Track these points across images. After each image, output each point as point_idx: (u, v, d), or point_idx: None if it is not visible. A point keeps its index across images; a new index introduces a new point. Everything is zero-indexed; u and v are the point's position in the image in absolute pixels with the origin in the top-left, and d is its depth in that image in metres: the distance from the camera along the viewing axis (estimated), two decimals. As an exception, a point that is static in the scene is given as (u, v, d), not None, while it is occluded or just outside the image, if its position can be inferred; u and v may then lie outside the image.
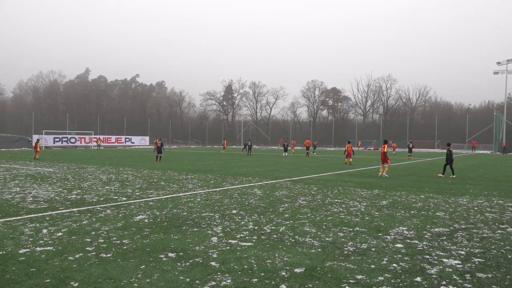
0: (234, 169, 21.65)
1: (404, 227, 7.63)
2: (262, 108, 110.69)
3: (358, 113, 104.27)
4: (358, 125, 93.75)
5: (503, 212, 9.36)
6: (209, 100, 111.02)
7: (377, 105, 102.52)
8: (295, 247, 6.10)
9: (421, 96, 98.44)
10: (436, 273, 5.00)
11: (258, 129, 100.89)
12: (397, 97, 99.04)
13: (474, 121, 78.64)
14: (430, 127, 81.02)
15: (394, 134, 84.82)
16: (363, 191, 12.78)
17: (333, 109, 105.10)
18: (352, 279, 4.75)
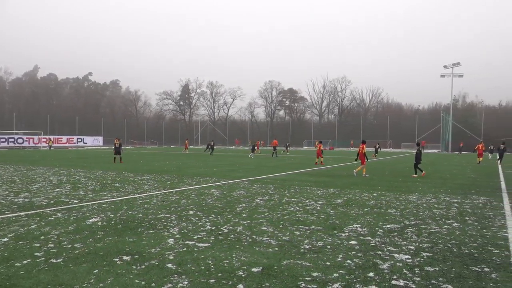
0: (191, 169, 21.44)
1: (358, 224, 7.85)
2: (219, 108, 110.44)
3: (314, 114, 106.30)
4: (314, 125, 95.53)
5: (449, 208, 9.85)
6: (165, 100, 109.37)
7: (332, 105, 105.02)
8: (252, 247, 6.13)
9: (374, 97, 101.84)
10: (388, 268, 5.19)
11: (216, 129, 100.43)
12: (352, 98, 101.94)
13: (423, 121, 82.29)
14: (382, 127, 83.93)
15: (349, 134, 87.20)
16: (319, 190, 13.04)
17: (290, 110, 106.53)
18: (308, 276, 4.84)
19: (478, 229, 7.53)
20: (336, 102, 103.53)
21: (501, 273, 5.02)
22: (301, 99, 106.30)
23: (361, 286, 4.53)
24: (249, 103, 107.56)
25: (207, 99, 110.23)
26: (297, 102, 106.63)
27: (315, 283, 4.61)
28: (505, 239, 6.79)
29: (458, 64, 69.04)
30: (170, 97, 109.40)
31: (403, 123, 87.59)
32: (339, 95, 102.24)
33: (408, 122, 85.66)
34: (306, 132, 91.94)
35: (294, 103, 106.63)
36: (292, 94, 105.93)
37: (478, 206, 10.30)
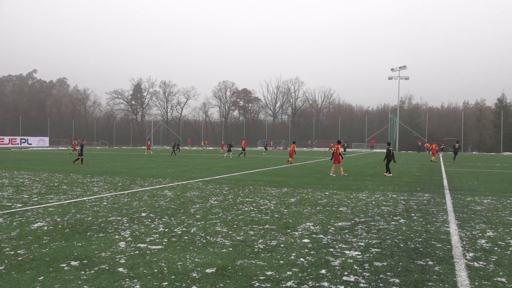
0: (143, 170, 20.96)
1: (310, 222, 8.01)
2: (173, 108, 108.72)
3: (268, 114, 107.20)
4: (268, 125, 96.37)
5: (396, 205, 10.27)
6: (116, 99, 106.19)
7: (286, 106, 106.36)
8: (206, 248, 6.08)
9: (326, 98, 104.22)
10: (339, 264, 5.33)
11: (169, 129, 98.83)
12: (304, 99, 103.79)
13: (372, 122, 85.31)
14: (334, 128, 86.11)
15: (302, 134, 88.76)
16: (273, 190, 13.17)
17: (244, 110, 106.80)
18: (262, 275, 4.87)
19: (423, 225, 7.90)
20: (290, 103, 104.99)
21: (443, 266, 5.29)
22: (255, 99, 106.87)
23: (313, 283, 4.62)
24: (203, 103, 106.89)
25: (160, 99, 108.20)
26: (251, 103, 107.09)
27: (269, 282, 4.65)
28: (447, 234, 7.17)
29: (405, 68, 72.18)
30: (121, 96, 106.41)
31: (354, 123, 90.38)
32: (292, 96, 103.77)
33: (358, 123, 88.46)
34: (260, 132, 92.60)
35: (248, 103, 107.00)
36: (246, 94, 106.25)
37: (423, 202, 10.81)
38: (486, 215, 9.05)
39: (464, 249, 6.14)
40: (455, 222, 8.21)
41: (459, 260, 5.53)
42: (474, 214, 9.16)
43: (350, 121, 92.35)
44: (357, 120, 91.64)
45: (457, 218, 8.59)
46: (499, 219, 8.59)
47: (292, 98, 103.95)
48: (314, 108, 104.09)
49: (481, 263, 5.42)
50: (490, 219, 8.52)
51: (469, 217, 8.72)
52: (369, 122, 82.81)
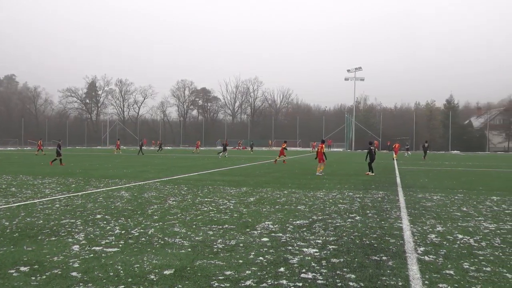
0: (99, 171, 20.34)
1: (269, 221, 8.07)
2: (129, 107, 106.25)
3: (227, 114, 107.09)
4: (227, 125, 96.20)
5: (353, 203, 10.55)
6: (69, 97, 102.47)
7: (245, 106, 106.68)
8: (164, 249, 5.99)
9: (285, 98, 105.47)
10: (297, 262, 5.41)
11: (126, 129, 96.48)
12: (263, 98, 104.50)
13: (329, 122, 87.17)
14: (292, 127, 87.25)
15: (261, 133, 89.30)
16: (232, 189, 13.16)
17: (203, 109, 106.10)
18: (221, 275, 4.86)
19: (378, 221, 8.17)
20: (249, 103, 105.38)
21: (396, 261, 5.49)
22: (214, 99, 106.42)
23: (272, 281, 4.66)
24: (161, 102, 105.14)
25: (116, 98, 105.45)
26: (210, 102, 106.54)
27: (228, 282, 4.65)
28: (400, 229, 7.45)
29: (360, 69, 74.31)
30: (75, 94, 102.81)
31: (311, 123, 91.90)
32: (251, 95, 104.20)
33: (316, 122, 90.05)
34: (220, 131, 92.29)
35: (207, 102, 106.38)
36: (205, 93, 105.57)
37: (377, 200, 11.17)
38: (435, 210, 9.47)
39: (416, 243, 6.40)
40: (407, 218, 8.54)
41: (411, 255, 5.76)
42: (425, 210, 9.57)
43: (308, 121, 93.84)
44: (314, 120, 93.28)
45: (409, 214, 8.94)
46: (447, 214, 9.02)
47: (251, 97, 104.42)
48: (273, 108, 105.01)
49: (431, 257, 5.67)
50: (439, 215, 8.93)
51: (420, 213, 9.10)
52: (326, 122, 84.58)
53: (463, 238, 6.77)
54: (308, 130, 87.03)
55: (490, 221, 8.23)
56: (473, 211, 9.48)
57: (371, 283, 4.64)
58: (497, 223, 8.04)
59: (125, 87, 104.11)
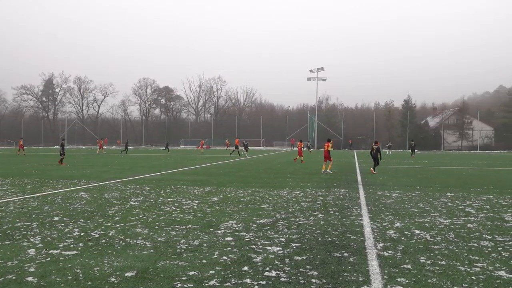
0: (56, 171, 19.63)
1: (233, 221, 8.06)
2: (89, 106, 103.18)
3: (190, 113, 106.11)
4: (191, 124, 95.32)
5: (315, 201, 10.72)
6: (24, 95, 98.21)
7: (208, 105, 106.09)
8: (126, 251, 5.86)
9: (248, 98, 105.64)
10: (261, 260, 5.44)
11: (85, 128, 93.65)
12: (227, 97, 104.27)
13: (292, 121, 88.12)
14: (256, 126, 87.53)
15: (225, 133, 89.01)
16: (195, 189, 13.05)
17: (166, 108, 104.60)
18: (184, 276, 4.81)
19: (339, 219, 8.34)
20: (212, 102, 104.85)
21: (357, 257, 5.63)
22: (177, 97, 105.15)
23: (236, 281, 4.66)
24: (122, 100, 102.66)
25: (75, 96, 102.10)
26: (173, 101, 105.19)
27: (191, 282, 4.61)
28: (360, 226, 7.64)
29: (322, 69, 75.54)
30: (31, 92, 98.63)
31: (275, 122, 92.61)
32: (215, 94, 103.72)
33: (279, 122, 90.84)
34: (183, 131, 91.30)
35: (170, 101, 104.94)
36: (168, 92, 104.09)
37: (339, 198, 11.40)
38: (394, 207, 9.78)
39: (375, 240, 6.59)
40: (367, 215, 8.77)
41: (371, 251, 5.92)
42: (384, 207, 9.86)
43: (272, 120, 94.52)
44: (278, 119, 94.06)
45: (369, 211, 9.19)
46: (405, 210, 9.33)
47: (214, 97, 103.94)
48: (236, 107, 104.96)
49: (390, 252, 5.85)
50: (397, 211, 9.23)
51: (380, 210, 9.37)
52: (289, 121, 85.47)
53: (419, 234, 7.03)
54: (272, 129, 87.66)
55: (445, 217, 8.59)
56: (429, 207, 9.86)
57: (333, 279, 4.73)
58: (451, 219, 8.40)
59: (84, 84, 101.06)
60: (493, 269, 5.14)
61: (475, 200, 11.11)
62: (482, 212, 9.25)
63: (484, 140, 79.99)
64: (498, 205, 10.29)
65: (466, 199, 11.18)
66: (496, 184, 15.14)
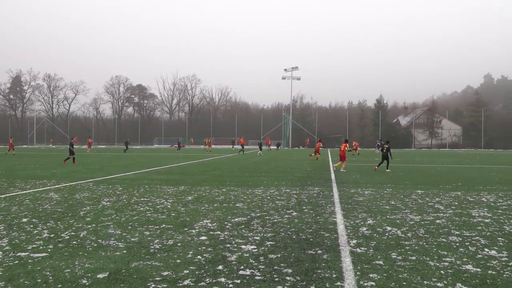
0: (25, 171, 19.05)
1: (208, 220, 8.03)
2: (59, 104, 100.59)
3: (164, 111, 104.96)
4: (165, 122, 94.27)
5: (289, 199, 10.79)
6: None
7: (183, 103, 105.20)
8: (97, 252, 5.74)
9: (223, 96, 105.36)
10: (236, 259, 5.43)
11: (55, 127, 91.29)
12: (202, 96, 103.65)
13: (267, 120, 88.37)
14: (231, 125, 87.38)
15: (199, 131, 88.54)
16: (169, 188, 12.92)
17: (139, 107, 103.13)
18: (158, 276, 4.76)
19: (313, 216, 8.42)
20: (187, 100, 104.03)
21: (331, 254, 5.70)
22: (150, 96, 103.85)
23: (210, 280, 4.64)
24: (93, 98, 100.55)
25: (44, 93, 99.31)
26: (146, 99, 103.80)
27: (165, 282, 4.56)
28: (334, 224, 7.74)
29: (296, 68, 76.04)
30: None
31: (250, 121, 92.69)
32: (189, 93, 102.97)
33: (254, 121, 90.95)
34: (157, 129, 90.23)
35: (143, 100, 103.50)
36: (141, 90, 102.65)
37: (313, 196, 11.51)
38: (367, 205, 9.96)
39: (349, 237, 6.69)
40: (341, 212, 8.89)
41: (344, 248, 6.01)
42: (357, 204, 10.02)
43: (246, 118, 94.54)
44: (253, 118, 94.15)
45: (343, 209, 9.32)
46: (377, 208, 9.51)
47: (189, 95, 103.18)
48: (211, 105, 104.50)
49: (363, 249, 5.95)
50: (370, 208, 9.39)
51: (353, 207, 9.52)
52: (264, 120, 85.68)
53: (391, 230, 7.18)
54: (247, 128, 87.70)
55: (415, 213, 8.80)
56: (400, 204, 10.08)
57: (307, 276, 4.78)
58: (421, 215, 8.61)
59: (54, 82, 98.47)
60: (461, 263, 5.31)
61: (444, 197, 11.44)
62: (451, 208, 9.53)
63: (453, 138, 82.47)
64: (465, 201, 10.62)
65: (436, 196, 11.50)
66: (463, 181, 15.63)
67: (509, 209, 9.47)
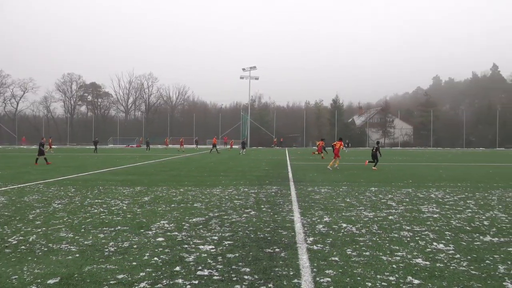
0: (-33, 173, 17.92)
1: (165, 220, 7.90)
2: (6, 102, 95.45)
3: (120, 110, 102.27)
4: (120, 122, 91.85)
5: (248, 198, 10.83)
6: None
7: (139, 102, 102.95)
8: (48, 256, 5.51)
9: (181, 95, 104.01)
10: (194, 260, 5.39)
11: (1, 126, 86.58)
12: (159, 95, 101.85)
13: (226, 119, 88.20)
14: (189, 125, 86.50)
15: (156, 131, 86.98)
16: (125, 189, 12.60)
17: (93, 105, 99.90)
18: (113, 279, 4.63)
19: (271, 215, 8.50)
20: (143, 99, 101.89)
21: (288, 252, 5.78)
22: (105, 94, 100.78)
23: (167, 282, 4.58)
24: (44, 97, 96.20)
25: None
26: (101, 98, 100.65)
27: (120, 286, 4.45)
28: (291, 222, 7.84)
29: (254, 68, 76.35)
30: None
31: (208, 120, 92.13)
32: (146, 91, 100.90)
33: (212, 120, 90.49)
34: (112, 129, 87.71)
35: (97, 98, 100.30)
36: (95, 89, 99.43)
37: (271, 194, 11.61)
38: (323, 202, 10.17)
39: (306, 234, 6.80)
40: (298, 210, 9.02)
41: (301, 245, 6.11)
42: (314, 202, 10.21)
43: (205, 118, 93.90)
44: (211, 117, 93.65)
45: (300, 207, 9.46)
46: (333, 205, 9.74)
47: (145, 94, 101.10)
48: (168, 104, 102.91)
49: (319, 246, 6.07)
50: (326, 206, 9.60)
51: (310, 206, 9.69)
52: (222, 119, 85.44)
53: (346, 227, 7.37)
54: (205, 127, 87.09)
55: (369, 210, 9.09)
56: (355, 201, 10.37)
57: (265, 275, 4.81)
58: (375, 212, 8.91)
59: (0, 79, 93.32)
60: (412, 257, 5.54)
61: (396, 193, 11.88)
62: (402, 204, 9.91)
63: (404, 137, 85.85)
64: (416, 197, 11.09)
65: (388, 193, 11.92)
66: (414, 178, 16.31)
67: (456, 204, 9.99)
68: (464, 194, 11.83)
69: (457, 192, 12.27)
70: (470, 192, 12.28)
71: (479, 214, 8.67)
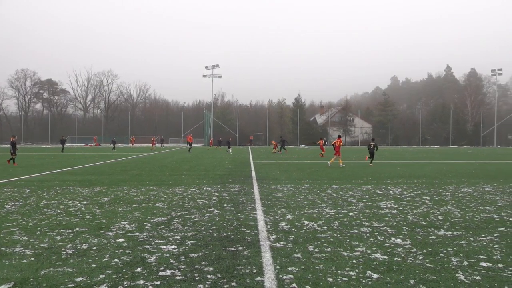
0: None
1: (126, 221, 7.73)
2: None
3: (78, 108, 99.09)
4: (78, 120, 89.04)
5: (211, 197, 10.77)
6: None
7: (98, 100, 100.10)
8: (1, 261, 5.26)
9: (142, 93, 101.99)
10: (155, 260, 5.30)
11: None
12: (119, 93, 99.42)
13: (188, 118, 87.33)
14: (150, 123, 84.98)
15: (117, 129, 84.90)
16: (84, 189, 12.23)
17: (49, 103, 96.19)
18: (71, 283, 4.48)
19: (234, 214, 8.50)
20: (102, 97, 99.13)
21: (251, 250, 5.80)
22: (62, 91, 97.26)
23: (129, 283, 4.48)
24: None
25: None
26: (57, 95, 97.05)
27: (79, 289, 4.31)
28: (254, 220, 7.88)
29: (217, 66, 76.09)
30: None
31: (170, 118, 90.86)
32: (105, 89, 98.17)
33: (174, 118, 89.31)
34: (70, 127, 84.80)
35: (54, 95, 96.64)
36: (51, 85, 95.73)
37: (234, 193, 11.61)
38: (286, 200, 10.28)
39: (269, 232, 6.85)
40: (261, 209, 9.07)
41: (264, 243, 6.15)
42: (277, 200, 10.30)
43: (167, 116, 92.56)
44: (173, 116, 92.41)
45: (263, 205, 9.52)
46: (296, 203, 9.86)
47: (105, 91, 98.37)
48: (129, 102, 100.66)
49: (282, 243, 6.13)
50: (289, 204, 9.71)
51: (273, 204, 9.77)
52: (185, 118, 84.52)
53: (308, 224, 7.49)
54: (167, 126, 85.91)
55: (331, 207, 9.27)
56: (317, 199, 10.55)
57: (228, 273, 4.81)
58: (336, 209, 9.09)
59: None
60: (371, 252, 5.70)
61: (356, 190, 12.19)
62: (362, 201, 10.18)
63: (364, 136, 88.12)
64: (375, 194, 11.42)
65: (349, 190, 12.21)
66: (373, 176, 16.78)
67: (412, 200, 10.37)
68: (420, 190, 12.31)
69: (413, 188, 12.74)
70: (426, 188, 12.78)
71: (434, 209, 9.04)
